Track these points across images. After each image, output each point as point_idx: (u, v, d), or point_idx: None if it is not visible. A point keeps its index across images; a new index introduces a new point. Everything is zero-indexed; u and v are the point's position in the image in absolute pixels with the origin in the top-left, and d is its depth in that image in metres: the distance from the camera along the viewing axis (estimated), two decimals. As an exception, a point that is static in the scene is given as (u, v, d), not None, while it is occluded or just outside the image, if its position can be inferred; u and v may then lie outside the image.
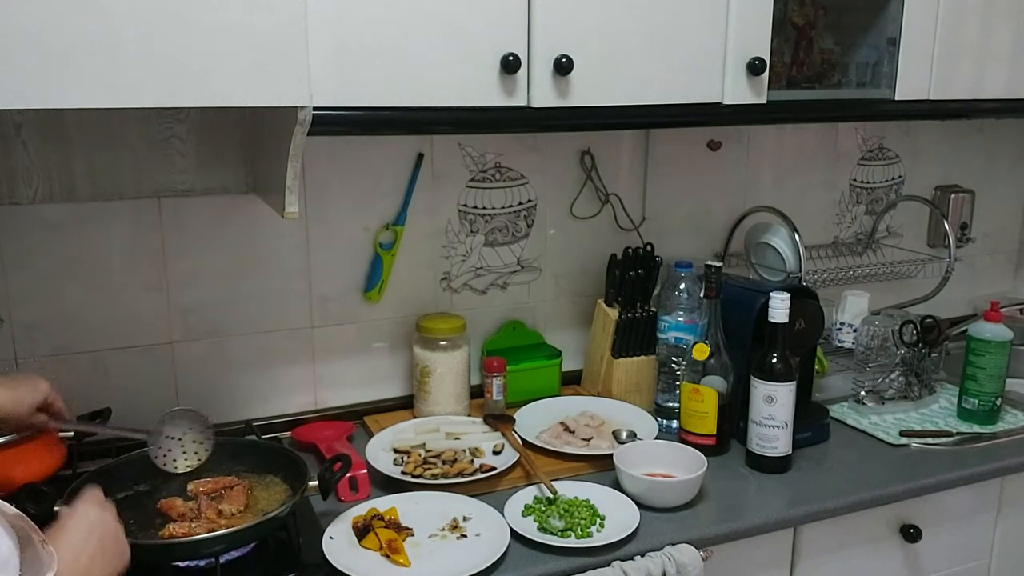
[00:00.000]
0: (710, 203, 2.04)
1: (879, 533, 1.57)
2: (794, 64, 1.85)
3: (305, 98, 1.22)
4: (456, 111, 1.37)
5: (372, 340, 1.77)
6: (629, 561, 1.30)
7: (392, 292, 1.76)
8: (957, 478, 1.59)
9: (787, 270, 1.92)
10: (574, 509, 1.38)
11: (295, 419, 1.71)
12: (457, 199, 1.78)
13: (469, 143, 1.77)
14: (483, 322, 1.85)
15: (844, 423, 1.77)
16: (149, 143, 1.52)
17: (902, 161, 2.27)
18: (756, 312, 1.60)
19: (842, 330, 2.08)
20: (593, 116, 1.48)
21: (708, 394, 1.58)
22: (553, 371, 1.84)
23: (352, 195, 1.69)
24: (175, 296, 1.59)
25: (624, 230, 1.95)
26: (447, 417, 1.71)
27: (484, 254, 1.83)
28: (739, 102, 1.55)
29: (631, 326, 1.78)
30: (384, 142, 1.69)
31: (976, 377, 1.77)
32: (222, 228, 1.60)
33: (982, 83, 1.81)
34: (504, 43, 1.36)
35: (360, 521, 1.34)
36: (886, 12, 1.74)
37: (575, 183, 1.89)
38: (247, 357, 1.67)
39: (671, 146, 1.96)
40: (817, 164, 2.16)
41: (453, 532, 1.34)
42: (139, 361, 1.59)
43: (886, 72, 1.75)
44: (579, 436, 1.63)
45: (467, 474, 1.48)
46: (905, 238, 2.31)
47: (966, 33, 1.76)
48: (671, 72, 1.50)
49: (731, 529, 1.40)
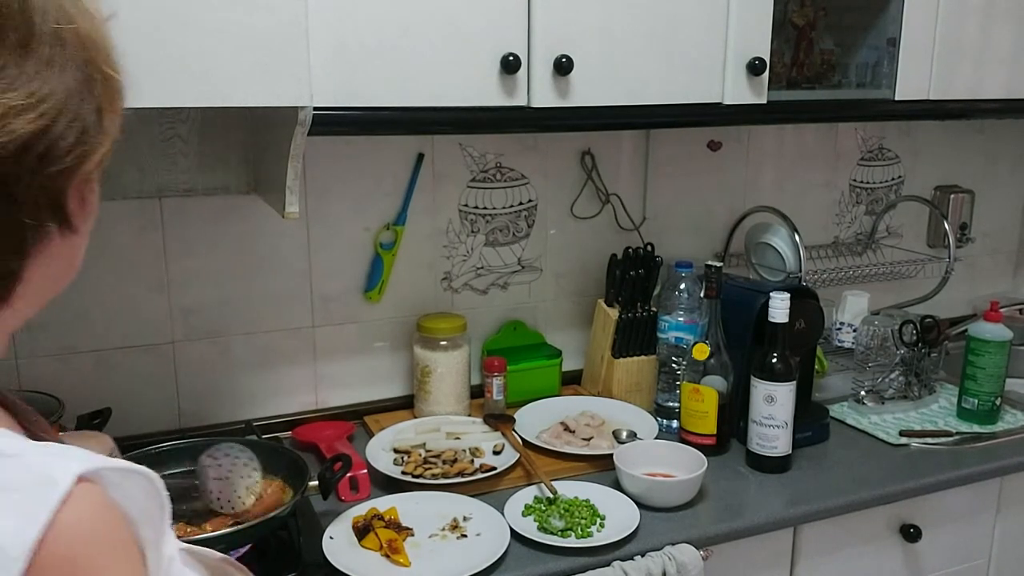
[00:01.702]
0: (710, 203, 2.04)
1: (879, 533, 1.57)
2: (794, 65, 1.86)
3: (305, 98, 1.22)
4: (456, 111, 1.37)
5: (373, 340, 1.77)
6: (629, 561, 1.30)
7: (392, 292, 1.76)
8: (957, 478, 1.59)
9: (787, 270, 1.92)
10: (574, 509, 1.38)
11: (295, 419, 1.71)
12: (458, 199, 1.78)
13: (469, 143, 1.77)
14: (483, 322, 1.86)
15: (844, 423, 1.77)
16: (150, 143, 1.52)
17: (902, 161, 2.27)
18: (756, 312, 1.60)
19: (842, 330, 2.08)
20: (593, 116, 1.48)
21: (708, 394, 1.58)
22: (553, 371, 1.84)
23: (353, 195, 1.69)
24: (176, 296, 1.60)
25: (624, 230, 1.95)
26: (447, 417, 1.71)
27: (485, 254, 1.83)
28: (739, 102, 1.55)
29: (631, 326, 1.78)
30: (384, 142, 1.69)
31: (976, 377, 1.77)
32: (223, 228, 1.61)
33: (982, 83, 1.82)
34: (504, 43, 1.36)
35: (360, 521, 1.34)
36: (886, 12, 1.74)
37: (575, 183, 1.89)
38: (248, 357, 1.67)
39: (671, 146, 1.96)
40: (817, 164, 2.16)
41: (453, 532, 1.34)
42: (140, 361, 1.59)
43: (886, 72, 1.75)
44: (579, 436, 1.63)
45: (467, 474, 1.48)
46: (905, 238, 2.31)
47: (966, 33, 1.76)
48: (671, 72, 1.50)
49: (731, 529, 1.41)
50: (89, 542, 0.49)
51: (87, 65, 0.57)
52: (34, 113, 0.52)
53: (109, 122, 0.59)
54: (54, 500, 0.47)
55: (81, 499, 0.48)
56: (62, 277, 0.61)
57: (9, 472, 0.48)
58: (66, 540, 0.47)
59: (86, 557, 0.48)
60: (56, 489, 0.47)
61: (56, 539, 0.46)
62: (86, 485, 0.49)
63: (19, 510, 0.46)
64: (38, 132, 0.53)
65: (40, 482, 0.48)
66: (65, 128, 0.54)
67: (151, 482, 0.55)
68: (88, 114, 0.57)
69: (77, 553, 0.48)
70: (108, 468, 0.51)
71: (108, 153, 0.59)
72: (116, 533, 0.51)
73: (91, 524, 0.49)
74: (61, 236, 0.57)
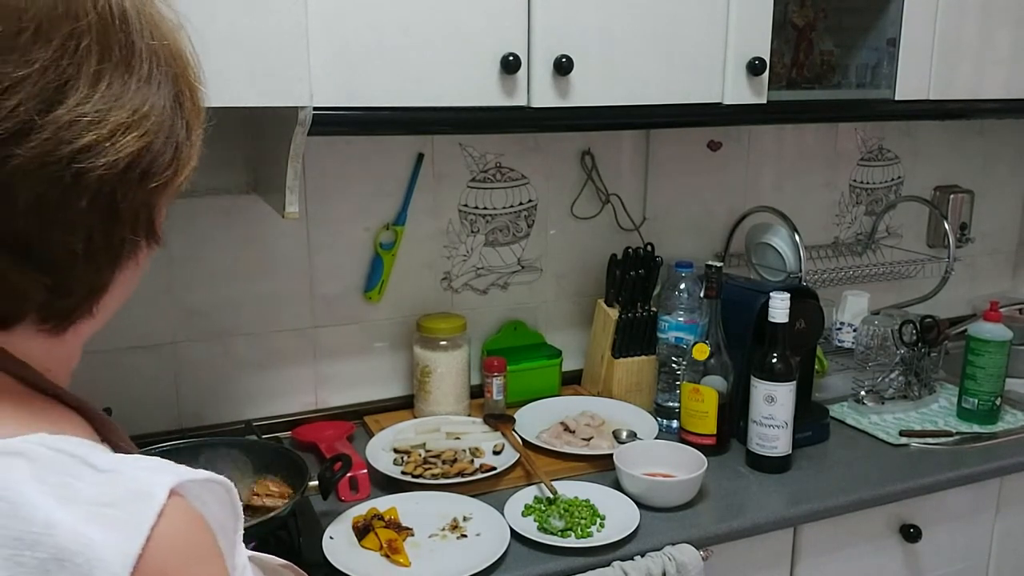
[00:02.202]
0: (710, 203, 2.04)
1: (879, 533, 1.57)
2: (794, 65, 1.86)
3: (305, 98, 1.22)
4: (456, 111, 1.37)
5: (373, 340, 1.77)
6: (629, 561, 1.30)
7: (393, 292, 1.76)
8: (957, 478, 1.59)
9: (787, 270, 1.92)
10: (574, 509, 1.38)
11: (296, 419, 1.71)
12: (458, 199, 1.78)
13: (470, 143, 1.77)
14: (483, 322, 1.86)
15: (844, 423, 1.77)
16: (150, 143, 1.52)
17: (902, 161, 2.27)
18: (756, 312, 1.60)
19: (842, 330, 2.08)
20: (593, 116, 1.48)
21: (708, 394, 1.58)
22: (553, 371, 1.84)
23: (353, 195, 1.69)
24: (177, 296, 1.60)
25: (624, 230, 1.95)
26: (447, 417, 1.71)
27: (485, 254, 1.84)
28: (739, 102, 1.55)
29: (631, 326, 1.78)
30: (384, 142, 1.69)
31: (975, 377, 1.77)
32: (224, 228, 1.61)
33: (982, 83, 1.82)
34: (504, 43, 1.36)
35: (360, 521, 1.34)
36: (886, 13, 1.74)
37: (576, 183, 1.89)
38: (248, 357, 1.67)
39: (671, 146, 1.96)
40: (817, 164, 2.16)
41: (453, 532, 1.34)
42: (140, 361, 1.59)
43: (886, 73, 1.75)
44: (579, 436, 1.63)
45: (467, 474, 1.48)
46: (905, 238, 2.31)
47: (966, 33, 1.76)
48: (671, 72, 1.50)
49: (731, 529, 1.41)
50: (184, 553, 0.50)
51: (177, 80, 0.58)
52: (139, 131, 0.54)
53: (196, 136, 0.60)
54: (151, 515, 0.48)
55: (174, 512, 0.49)
56: (131, 288, 0.62)
57: (106, 487, 0.49)
58: (163, 553, 0.48)
59: (183, 568, 0.50)
60: (152, 504, 0.49)
61: (155, 553, 0.48)
62: (177, 498, 0.50)
63: (119, 525, 0.47)
64: (142, 149, 0.54)
65: (137, 497, 0.49)
66: (164, 144, 0.56)
67: (228, 492, 0.56)
68: (180, 129, 0.58)
69: (173, 565, 0.49)
70: (193, 480, 0.52)
71: (196, 167, 0.61)
72: (206, 544, 0.53)
73: (185, 536, 0.50)
74: (148, 249, 0.59)
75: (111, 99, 0.52)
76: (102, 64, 0.52)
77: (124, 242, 0.56)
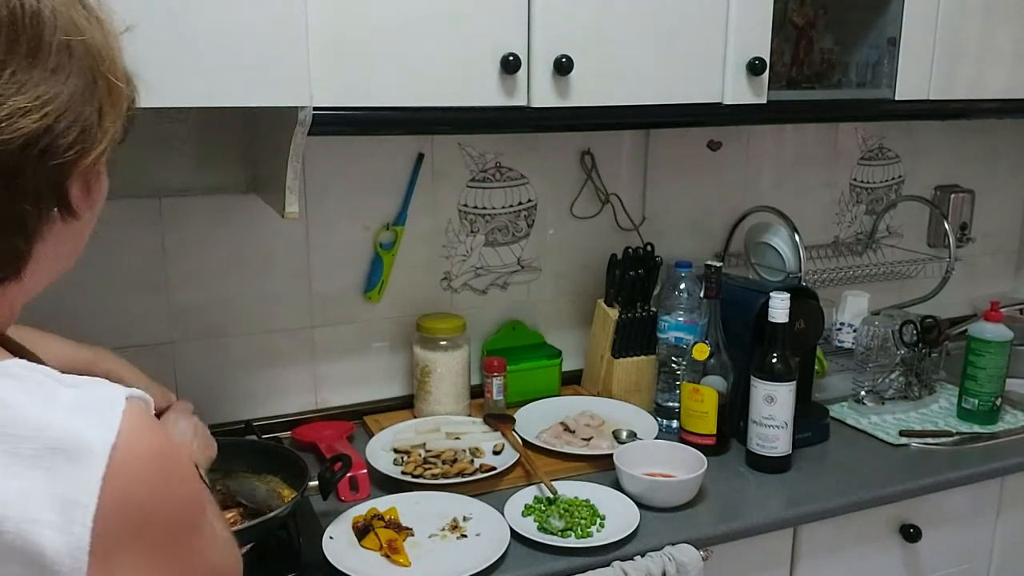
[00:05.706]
0: (710, 203, 2.04)
1: (879, 533, 1.57)
2: (794, 64, 1.86)
3: (305, 98, 1.22)
4: (456, 111, 1.37)
5: (372, 340, 1.77)
6: (629, 561, 1.30)
7: (392, 292, 1.76)
8: (957, 478, 1.59)
9: (787, 270, 1.92)
10: (574, 509, 1.38)
11: (295, 419, 1.71)
12: (457, 199, 1.78)
13: (469, 143, 1.77)
14: (483, 322, 1.85)
15: (844, 423, 1.77)
16: (149, 143, 1.52)
17: (902, 161, 2.27)
18: (756, 312, 1.60)
19: (842, 330, 2.08)
20: (593, 116, 1.48)
21: (708, 394, 1.58)
22: (553, 371, 1.84)
23: (352, 195, 1.69)
24: (175, 296, 1.59)
25: (624, 230, 1.95)
26: (447, 417, 1.71)
27: (484, 254, 1.83)
28: (739, 102, 1.55)
29: (631, 326, 1.78)
30: (384, 142, 1.69)
31: (976, 377, 1.77)
32: (222, 228, 1.60)
33: (982, 83, 1.81)
34: (504, 43, 1.36)
35: (360, 521, 1.34)
36: (886, 12, 1.73)
37: (575, 183, 1.89)
38: (247, 357, 1.67)
39: (671, 146, 1.96)
40: (817, 164, 2.16)
41: (453, 532, 1.34)
42: (139, 361, 1.57)
43: (886, 72, 1.75)
44: (579, 436, 1.63)
45: (467, 474, 1.48)
46: (905, 238, 2.31)
47: (966, 33, 1.76)
48: (671, 72, 1.50)
49: (731, 529, 1.41)
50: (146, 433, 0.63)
51: (91, 72, 0.65)
52: (38, 114, 0.61)
53: (109, 123, 0.67)
54: (118, 412, 0.62)
55: (132, 410, 0.63)
56: (67, 257, 0.71)
57: (79, 395, 0.62)
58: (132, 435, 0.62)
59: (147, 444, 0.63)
60: (117, 405, 0.62)
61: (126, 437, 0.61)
62: (131, 401, 0.63)
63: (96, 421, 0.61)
64: (41, 130, 0.61)
65: (105, 400, 0.62)
66: (66, 127, 0.63)
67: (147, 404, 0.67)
68: (89, 115, 0.65)
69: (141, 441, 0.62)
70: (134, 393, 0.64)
71: (107, 150, 0.68)
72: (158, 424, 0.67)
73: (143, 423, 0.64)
74: (64, 221, 0.66)
75: (14, 86, 0.60)
76: (8, 56, 0.60)
77: (26, 213, 0.63)
